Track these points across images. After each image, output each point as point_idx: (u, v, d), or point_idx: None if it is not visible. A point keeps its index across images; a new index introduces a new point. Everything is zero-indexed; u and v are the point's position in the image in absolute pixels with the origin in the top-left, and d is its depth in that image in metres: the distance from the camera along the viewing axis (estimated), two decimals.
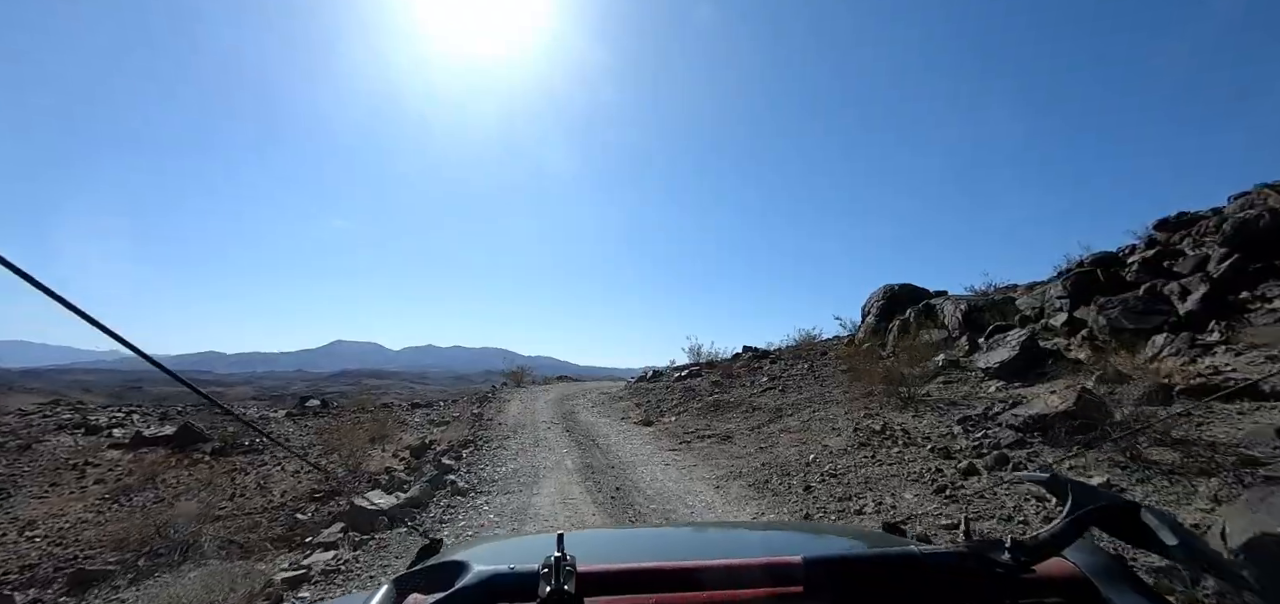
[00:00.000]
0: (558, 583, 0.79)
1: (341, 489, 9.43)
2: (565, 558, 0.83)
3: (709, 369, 18.64)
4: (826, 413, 9.93)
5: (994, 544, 0.92)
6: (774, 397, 12.20)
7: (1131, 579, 0.90)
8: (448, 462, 8.33)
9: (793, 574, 0.88)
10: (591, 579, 0.86)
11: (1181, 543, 0.84)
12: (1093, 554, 0.96)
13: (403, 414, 19.18)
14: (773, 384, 13.55)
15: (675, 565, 0.90)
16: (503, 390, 19.87)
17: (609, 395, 17.63)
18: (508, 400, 17.02)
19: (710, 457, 8.42)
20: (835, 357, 17.49)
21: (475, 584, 0.85)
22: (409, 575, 0.95)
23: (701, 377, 17.28)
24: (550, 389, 20.89)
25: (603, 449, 9.37)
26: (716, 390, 14.03)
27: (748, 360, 18.58)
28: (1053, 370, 9.11)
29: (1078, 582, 0.91)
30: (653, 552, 1.28)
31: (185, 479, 14.15)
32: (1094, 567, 0.93)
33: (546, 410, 14.83)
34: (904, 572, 0.89)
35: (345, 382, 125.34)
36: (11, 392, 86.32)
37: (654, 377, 19.41)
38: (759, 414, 10.98)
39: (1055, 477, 1.04)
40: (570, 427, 11.71)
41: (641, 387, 17.85)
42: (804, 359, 17.37)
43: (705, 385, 14.94)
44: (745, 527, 2.74)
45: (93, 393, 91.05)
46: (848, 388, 11.83)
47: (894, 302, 18.67)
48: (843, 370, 14.29)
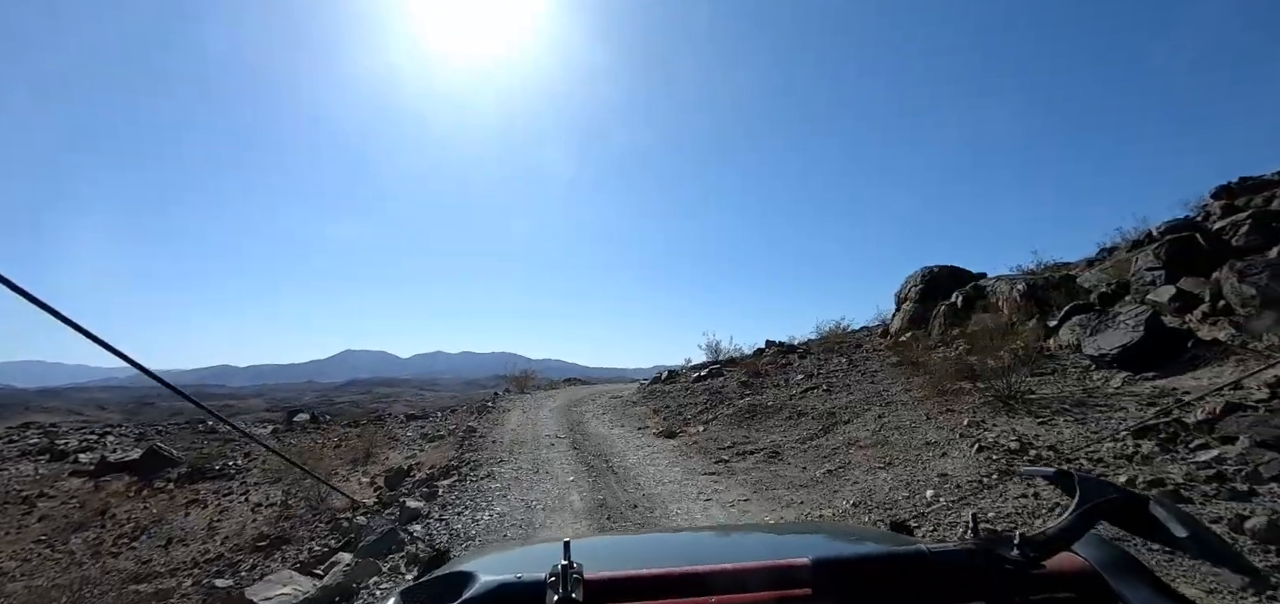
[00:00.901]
0: (565, 591, 0.77)
1: (290, 537, 7.35)
2: (572, 566, 0.80)
3: (731, 367, 16.47)
4: (899, 419, 7.75)
5: (1003, 540, 0.89)
6: (819, 398, 10.02)
7: (1142, 572, 0.87)
8: (415, 503, 6.18)
9: (801, 576, 0.85)
10: (599, 587, 0.83)
11: (1191, 535, 0.81)
12: (1102, 548, 0.91)
13: (396, 427, 17.11)
14: (812, 383, 11.37)
15: (683, 570, 0.87)
16: (504, 398, 17.74)
17: (622, 400, 15.48)
18: (508, 410, 14.90)
19: (763, 485, 6.27)
20: (872, 349, 15.29)
21: (483, 594, 0.83)
22: (416, 587, 0.94)
23: (724, 376, 15.11)
24: (557, 394, 18.77)
25: (620, 475, 7.24)
26: (747, 392, 11.86)
27: (773, 356, 16.40)
28: (1200, 355, 6.91)
29: (1088, 576, 0.87)
30: (660, 557, 1.18)
31: (138, 513, 12.14)
32: (1104, 560, 0.89)
33: (551, 421, 12.69)
34: (913, 570, 0.86)
35: (356, 390, 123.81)
36: (27, 411, 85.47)
37: (669, 377, 17.26)
38: (807, 421, 8.82)
39: (1062, 471, 1.00)
40: (578, 442, 9.57)
41: (657, 389, 15.70)
42: (838, 353, 15.19)
43: (732, 386, 12.77)
44: (752, 529, 2.35)
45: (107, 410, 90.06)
46: (907, 385, 9.65)
47: (934, 285, 16.43)
48: (891, 364, 12.10)
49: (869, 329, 18.86)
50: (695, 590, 0.85)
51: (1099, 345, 7.89)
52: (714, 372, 15.78)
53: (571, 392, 19.63)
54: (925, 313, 16.11)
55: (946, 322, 14.64)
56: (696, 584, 0.86)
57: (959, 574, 0.85)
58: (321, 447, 14.56)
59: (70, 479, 15.89)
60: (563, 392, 19.93)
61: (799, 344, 17.82)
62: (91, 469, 16.04)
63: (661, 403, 13.60)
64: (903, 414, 8.00)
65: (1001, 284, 14.84)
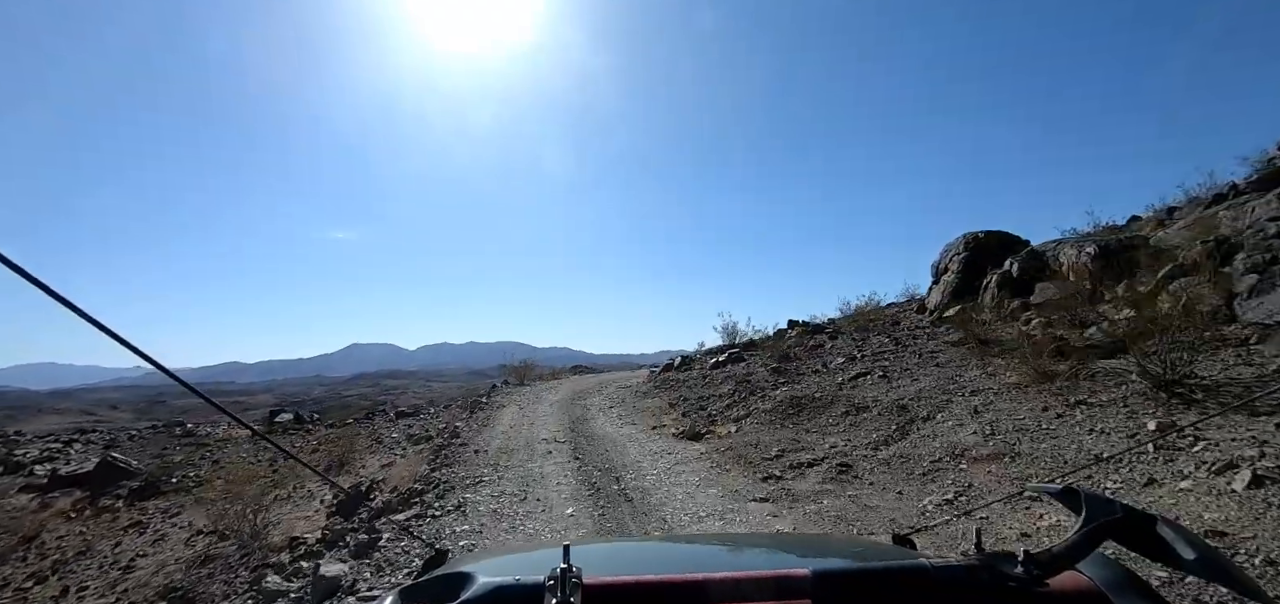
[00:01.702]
0: (564, 595, 0.75)
1: (196, 597, 5.37)
2: (571, 570, 0.78)
3: (752, 351, 14.42)
4: (1008, 415, 5.68)
5: (1007, 557, 0.86)
6: (876, 387, 7.97)
7: (1147, 593, 0.84)
8: (335, 568, 4.02)
9: (801, 586, 0.82)
10: (597, 592, 0.81)
11: (1199, 557, 0.77)
12: (1108, 568, 0.88)
13: (384, 425, 15.15)
14: (859, 368, 9.30)
15: (682, 578, 0.85)
16: (500, 392, 15.72)
17: (631, 391, 13.45)
18: (503, 406, 12.89)
19: (848, 520, 4.23)
20: (915, 327, 13.20)
21: (480, 596, 0.82)
22: (414, 586, 0.92)
23: (747, 361, 13.05)
24: (559, 385, 16.76)
25: (636, 501, 5.20)
26: (781, 380, 9.80)
27: (799, 338, 14.33)
28: None
29: (1092, 596, 0.84)
30: (660, 564, 1.17)
31: (71, 539, 10.25)
32: (1109, 580, 0.86)
33: (550, 419, 10.68)
34: (914, 584, 0.84)
35: (364, 384, 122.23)
36: (40, 412, 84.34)
37: (683, 364, 15.22)
38: (873, 419, 6.77)
39: (1069, 488, 0.94)
40: (581, 448, 7.55)
41: (670, 378, 13.66)
42: (877, 332, 13.12)
43: (761, 373, 10.69)
44: (753, 538, 2.28)
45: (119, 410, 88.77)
46: (986, 368, 7.59)
47: (981, 253, 14.28)
48: (950, 342, 10.02)
49: (901, 305, 16.79)
50: (694, 599, 0.82)
51: (1271, 310, 5.80)
52: (734, 357, 13.72)
53: (576, 382, 17.62)
54: (971, 284, 13.99)
55: (1001, 293, 12.53)
56: (696, 592, 0.83)
57: (961, 590, 0.82)
58: (306, 453, 12.64)
59: (18, 495, 14.06)
60: (566, 382, 17.92)
61: (826, 323, 15.73)
62: (44, 482, 14.22)
63: (677, 394, 11.57)
64: (1006, 406, 5.93)
65: (1066, 248, 12.69)
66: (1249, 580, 0.85)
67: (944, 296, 14.42)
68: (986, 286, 13.09)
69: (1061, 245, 13.18)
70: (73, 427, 54.04)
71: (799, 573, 0.84)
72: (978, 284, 13.71)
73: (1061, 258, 12.80)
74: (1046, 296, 11.17)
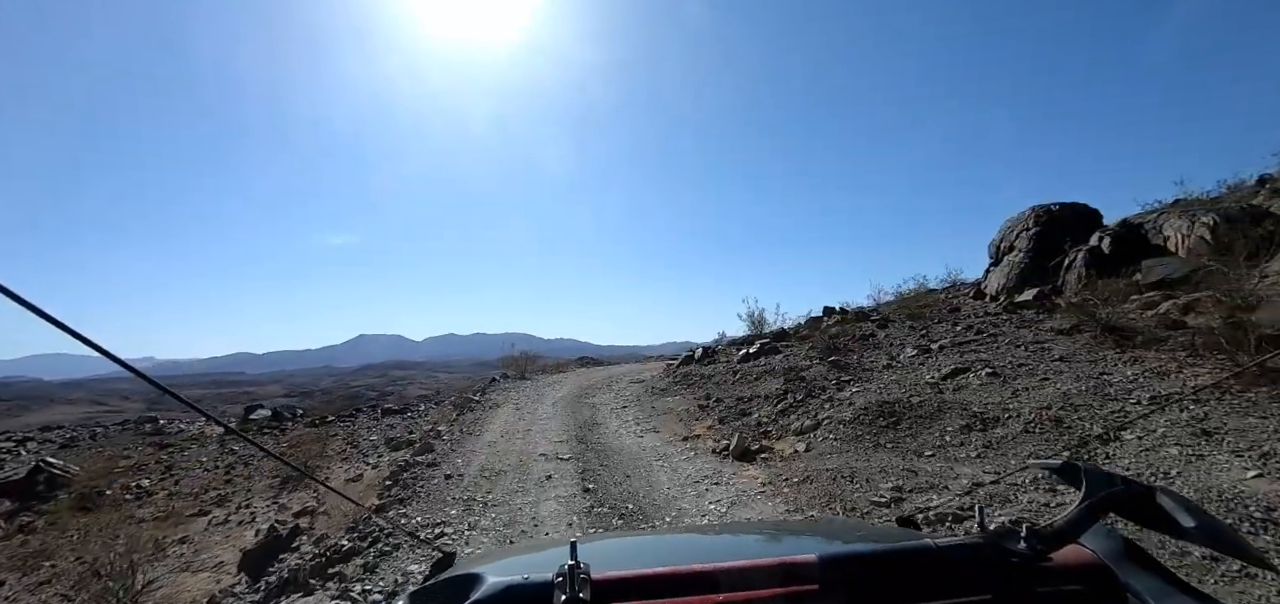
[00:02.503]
0: (572, 591, 0.74)
1: None
2: (579, 566, 0.77)
3: (786, 341, 12.24)
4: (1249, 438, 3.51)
5: (1010, 533, 0.86)
6: (991, 388, 5.79)
7: (1149, 563, 0.83)
8: None
9: (808, 572, 0.82)
10: (606, 586, 0.79)
11: (1199, 525, 0.78)
12: (1110, 540, 0.87)
13: (367, 424, 13.05)
14: (947, 361, 7.12)
15: (689, 569, 0.84)
16: (497, 388, 13.60)
17: (647, 387, 11.31)
18: (498, 405, 10.77)
19: None
20: (980, 313, 11.02)
21: (490, 596, 0.80)
22: (424, 590, 0.90)
23: (784, 353, 10.88)
24: (564, 379, 14.63)
25: None
26: (845, 377, 7.61)
27: (841, 326, 12.14)
28: None
29: (1095, 568, 0.83)
30: (667, 556, 1.11)
31: None
32: (1111, 552, 0.85)
33: (552, 423, 8.56)
34: (920, 564, 0.84)
35: (371, 374, 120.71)
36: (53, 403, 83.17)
37: (706, 355, 13.05)
38: (1018, 437, 4.60)
39: (1069, 463, 0.96)
40: (592, 472, 5.42)
41: (692, 372, 11.50)
42: (934, 319, 10.93)
43: (817, 370, 8.49)
44: (759, 527, 2.16)
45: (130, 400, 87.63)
46: (1135, 363, 5.42)
47: (1055, 228, 12.05)
48: (1053, 330, 7.82)
49: (948, 290, 14.59)
50: (702, 588, 0.81)
51: None
52: (767, 348, 11.54)
53: (583, 376, 15.49)
54: (1043, 264, 11.78)
55: (1089, 272, 10.31)
56: (704, 582, 0.82)
57: (966, 568, 0.83)
58: (246, 463, 10.56)
59: None
60: (572, 376, 15.81)
61: (869, 310, 13.52)
62: None
63: (705, 392, 9.42)
64: (1255, 423, 3.77)
65: (1171, 220, 10.45)
66: (1249, 547, 0.81)
67: (1010, 278, 12.20)
68: (1069, 265, 10.87)
69: (1163, 216, 10.94)
70: (81, 417, 52.69)
71: (806, 559, 0.83)
72: (1054, 263, 11.50)
73: (1166, 230, 10.56)
74: (1163, 275, 8.96)
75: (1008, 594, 0.80)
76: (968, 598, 0.79)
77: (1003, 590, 0.80)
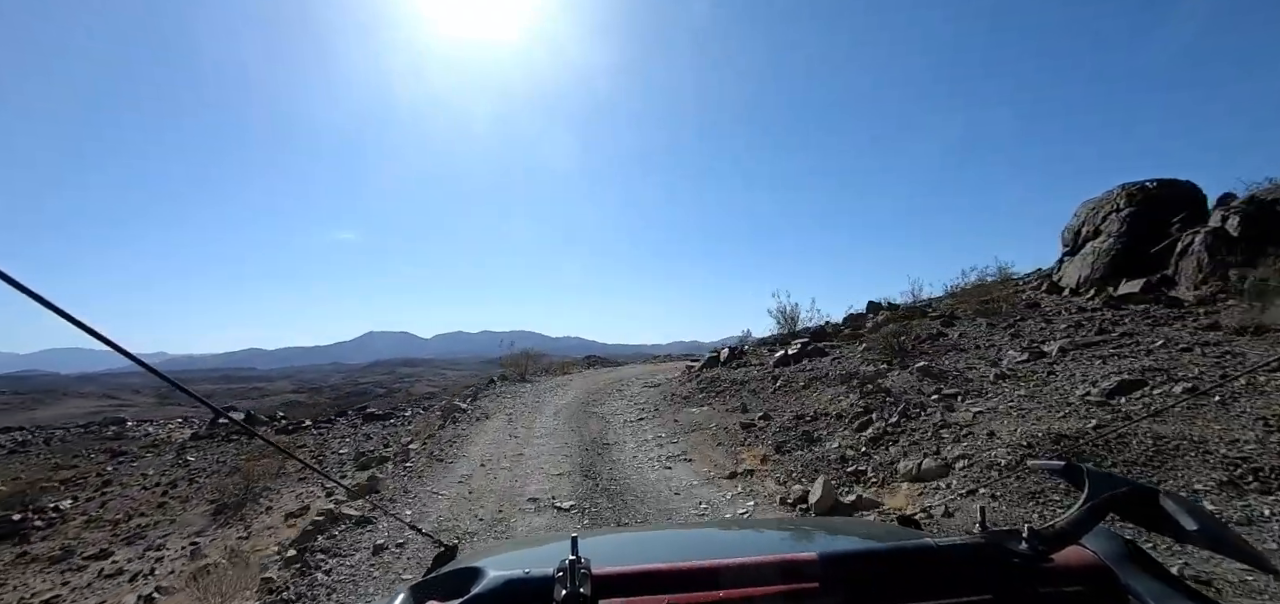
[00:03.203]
0: (573, 586, 0.72)
1: None
2: (580, 561, 0.76)
3: (827, 340, 10.24)
4: None
5: (1011, 533, 0.83)
6: (1208, 413, 3.77)
7: (1150, 565, 0.80)
8: None
9: (808, 570, 0.79)
10: (607, 581, 0.77)
11: (1201, 528, 0.74)
12: (1111, 541, 0.84)
13: (341, 433, 11.18)
14: (1093, 373, 5.10)
15: (690, 565, 0.81)
16: (488, 393, 11.66)
17: (666, 394, 9.34)
18: (488, 414, 8.85)
19: None
20: (1078, 310, 9.01)
21: (491, 590, 0.78)
22: (425, 583, 0.87)
23: (833, 355, 8.89)
24: (569, 382, 12.70)
25: None
26: (944, 388, 5.60)
27: (897, 324, 10.12)
28: None
29: (1096, 569, 0.80)
30: (668, 552, 1.05)
31: None
32: (1112, 553, 0.82)
33: (551, 443, 6.63)
34: (920, 563, 0.81)
35: (380, 371, 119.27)
36: (66, 396, 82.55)
37: (734, 356, 11.07)
38: None
39: (1071, 465, 0.92)
40: (607, 521, 3.46)
41: (720, 377, 9.52)
42: (1012, 316, 8.93)
43: (901, 379, 6.45)
44: (760, 525, 2.13)
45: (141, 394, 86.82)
46: None
47: (1154, 208, 9.97)
48: (1202, 328, 5.79)
49: (1009, 282, 12.50)
50: (703, 585, 0.79)
51: None
52: (811, 349, 9.55)
53: (590, 378, 13.56)
54: (1140, 250, 9.71)
55: (1213, 258, 8.26)
56: (705, 578, 0.79)
57: (967, 567, 0.80)
58: (193, 479, 8.70)
59: None
60: (578, 378, 13.89)
61: (925, 305, 11.49)
62: None
63: (739, 402, 7.46)
64: None
65: None
66: (1252, 550, 0.79)
67: (1096, 268, 10.12)
68: (1186, 250, 8.79)
69: None
70: (91, 411, 51.58)
71: (807, 557, 0.81)
72: (1158, 249, 9.44)
73: None
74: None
75: (1008, 594, 0.77)
76: (968, 598, 0.76)
77: (1003, 590, 0.77)
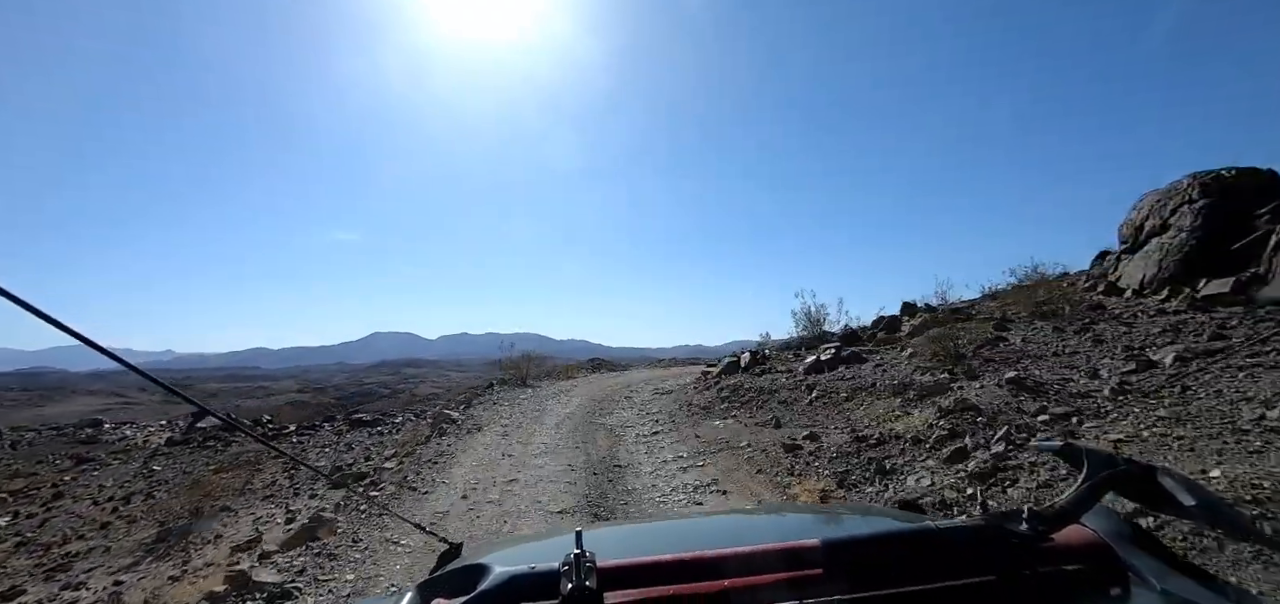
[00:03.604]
0: (579, 580, 0.70)
1: None
2: (585, 554, 0.74)
3: (861, 344, 9.07)
4: None
5: (1011, 515, 0.83)
6: None
7: (1150, 542, 0.81)
8: None
9: (812, 557, 0.78)
10: (612, 574, 0.76)
11: (1200, 504, 0.73)
12: (1111, 520, 0.84)
13: (327, 439, 10.13)
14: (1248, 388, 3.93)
15: (694, 556, 0.81)
16: (483, 400, 10.54)
17: (681, 403, 8.20)
18: (479, 426, 7.73)
19: None
20: (1151, 313, 7.84)
21: (497, 586, 0.77)
22: (432, 581, 0.85)
23: (873, 362, 7.74)
24: (574, 388, 11.58)
25: None
26: (1052, 406, 4.43)
27: (940, 328, 8.93)
28: None
29: (1097, 547, 0.80)
30: (671, 544, 1.05)
31: None
32: (1112, 531, 0.82)
33: (552, 464, 5.49)
34: (922, 547, 0.81)
35: (385, 371, 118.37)
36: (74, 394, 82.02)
37: (757, 361, 9.92)
38: None
39: (1070, 444, 0.91)
40: None
41: (743, 385, 8.37)
42: (1075, 319, 7.76)
43: (991, 394, 5.25)
44: (762, 512, 2.11)
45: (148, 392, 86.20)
46: None
47: (1231, 198, 8.76)
48: None
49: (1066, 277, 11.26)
50: (707, 575, 0.78)
51: None
52: (847, 355, 8.38)
53: (595, 383, 12.44)
54: (1220, 246, 8.51)
55: None
56: (708, 568, 0.79)
57: (968, 549, 0.79)
58: (150, 494, 7.57)
59: None
60: (582, 383, 12.76)
61: (967, 307, 10.30)
62: None
63: (770, 415, 6.33)
64: None
65: None
66: (1250, 524, 0.80)
67: (1165, 266, 8.91)
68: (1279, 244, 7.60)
69: None
70: (98, 408, 50.89)
71: (810, 544, 0.80)
72: (1242, 245, 8.24)
73: None
74: None
75: (1010, 574, 0.76)
76: (971, 579, 0.76)
77: (1005, 570, 0.77)
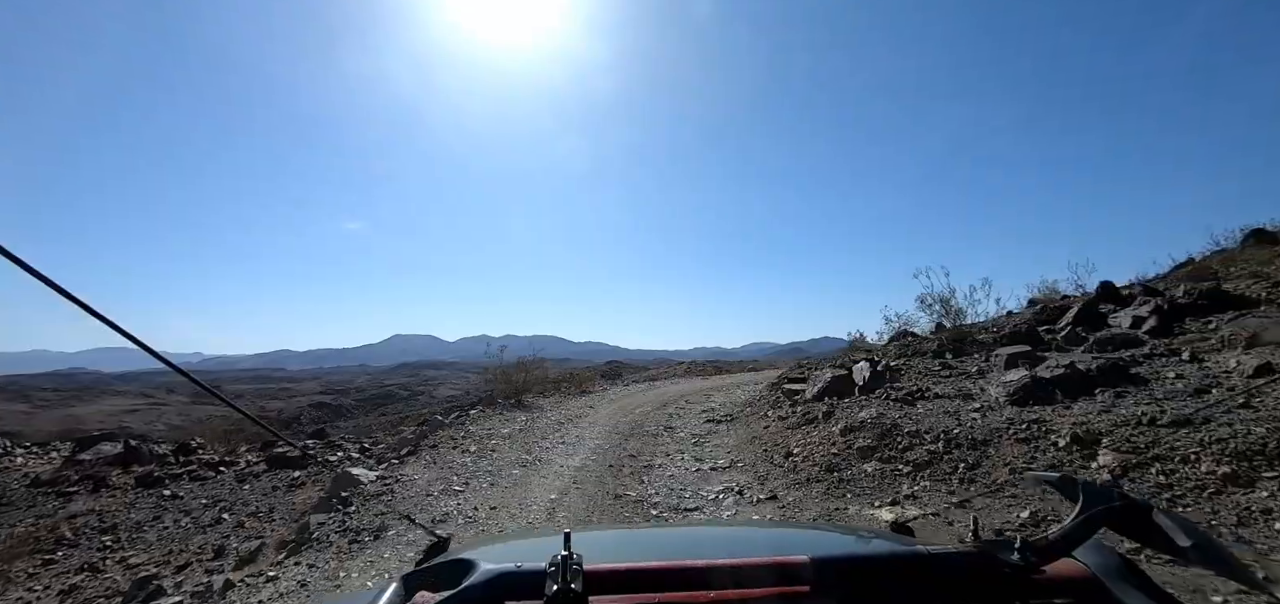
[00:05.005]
0: (565, 582, 0.68)
1: None
2: (572, 557, 0.71)
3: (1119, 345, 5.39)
4: None
5: (1003, 544, 0.78)
6: None
7: (1142, 580, 0.76)
8: None
9: (799, 574, 0.76)
10: (598, 578, 0.74)
11: (1195, 544, 0.71)
12: (1103, 555, 0.80)
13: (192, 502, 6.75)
14: None
15: (682, 565, 0.79)
16: (439, 439, 6.84)
17: (777, 449, 4.56)
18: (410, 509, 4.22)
19: None
20: None
21: (482, 582, 0.75)
22: (417, 573, 0.84)
23: (1169, 375, 4.08)
24: (587, 413, 8.00)
25: None
26: None
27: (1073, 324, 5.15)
28: None
29: (1088, 582, 0.77)
30: (660, 550, 1.06)
31: None
32: (1104, 567, 0.78)
33: None
34: (912, 571, 0.77)
35: (404, 373, 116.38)
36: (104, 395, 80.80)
37: (877, 378, 6.25)
38: None
39: (1066, 476, 0.89)
40: None
41: (888, 419, 4.74)
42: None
43: None
44: (752, 526, 2.11)
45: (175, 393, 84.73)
46: None
47: None
48: None
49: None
50: (695, 585, 0.76)
51: None
52: (1095, 367, 4.71)
53: (618, 402, 8.88)
54: None
55: None
56: (696, 578, 0.76)
57: (958, 576, 0.76)
58: None
59: None
60: (604, 399, 9.22)
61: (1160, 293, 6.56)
62: None
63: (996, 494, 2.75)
64: None
65: None
66: (1244, 567, 0.77)
67: None
68: None
69: None
70: (124, 409, 49.04)
71: (798, 560, 0.77)
72: None
73: None
74: None
75: (998, 603, 0.75)
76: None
77: (994, 599, 0.75)
